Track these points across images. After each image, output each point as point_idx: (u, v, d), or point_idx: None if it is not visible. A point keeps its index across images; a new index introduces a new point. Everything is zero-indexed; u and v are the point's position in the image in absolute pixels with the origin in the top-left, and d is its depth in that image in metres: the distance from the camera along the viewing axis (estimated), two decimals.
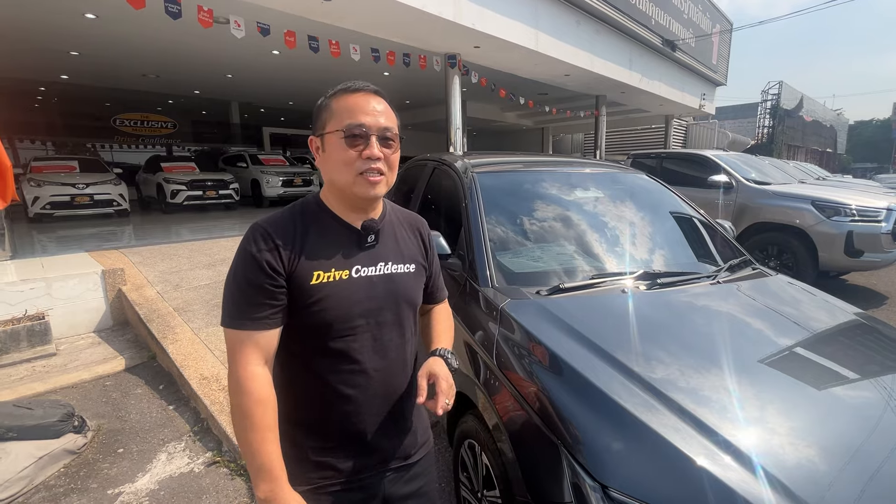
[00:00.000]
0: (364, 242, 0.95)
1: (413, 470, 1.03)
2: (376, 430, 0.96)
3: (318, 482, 0.92)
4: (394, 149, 0.93)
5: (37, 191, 7.97)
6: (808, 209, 4.80)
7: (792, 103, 27.67)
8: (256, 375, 0.84)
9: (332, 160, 0.91)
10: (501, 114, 17.89)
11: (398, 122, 0.97)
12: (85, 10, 6.55)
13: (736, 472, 1.00)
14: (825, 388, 1.33)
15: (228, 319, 0.86)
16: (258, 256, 0.85)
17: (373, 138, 0.89)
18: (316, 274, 0.88)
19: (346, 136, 0.88)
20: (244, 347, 0.84)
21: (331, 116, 0.91)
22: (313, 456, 0.92)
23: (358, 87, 0.92)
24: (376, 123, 0.90)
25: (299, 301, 0.87)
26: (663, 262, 2.06)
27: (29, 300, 3.73)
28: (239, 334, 0.85)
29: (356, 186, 0.90)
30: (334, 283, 0.90)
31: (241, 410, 0.82)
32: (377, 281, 0.95)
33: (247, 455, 0.83)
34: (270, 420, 0.83)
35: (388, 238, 1.00)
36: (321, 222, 0.93)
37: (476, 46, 7.70)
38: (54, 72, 10.39)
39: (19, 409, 2.38)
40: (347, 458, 0.94)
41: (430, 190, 2.82)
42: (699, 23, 13.46)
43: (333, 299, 0.89)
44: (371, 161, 0.89)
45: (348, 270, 0.92)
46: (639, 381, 1.23)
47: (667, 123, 17.24)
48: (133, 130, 15.78)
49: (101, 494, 2.11)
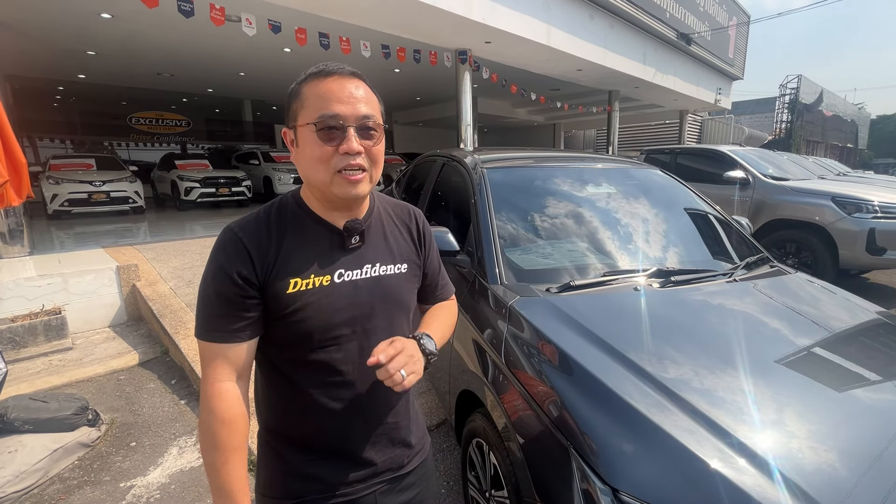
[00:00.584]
0: (348, 244, 0.87)
1: (407, 479, 0.96)
2: (367, 444, 0.89)
3: (305, 496, 0.86)
4: (376, 139, 0.82)
5: (55, 188, 8.13)
6: (829, 205, 4.67)
7: (811, 97, 27.00)
8: (223, 393, 0.78)
9: (305, 156, 0.80)
10: (512, 110, 17.77)
11: (381, 107, 0.86)
12: (101, 10, 6.65)
13: (752, 477, 0.96)
14: (846, 389, 1.28)
15: (199, 331, 0.80)
16: (227, 266, 0.78)
17: (350, 130, 0.78)
18: (293, 282, 0.80)
19: (319, 130, 0.78)
20: (213, 362, 0.79)
21: (302, 106, 0.80)
22: (300, 468, 0.87)
23: (332, 69, 0.81)
24: (354, 112, 0.79)
25: (276, 311, 0.80)
26: (677, 259, 2.02)
27: (46, 295, 3.81)
28: (210, 346, 0.79)
29: (335, 186, 0.80)
30: (314, 291, 0.82)
31: (205, 428, 0.78)
32: (362, 285, 0.87)
33: (208, 474, 0.78)
34: (236, 441, 0.78)
35: (375, 237, 0.92)
36: (299, 223, 0.85)
37: (487, 42, 7.64)
38: (72, 71, 10.58)
39: (35, 402, 2.43)
40: (336, 470, 0.88)
41: (440, 186, 2.81)
42: (715, 15, 13.18)
43: (313, 308, 0.81)
44: (349, 157, 0.78)
45: (329, 276, 0.84)
46: (651, 381, 1.20)
47: (681, 119, 16.95)
48: (148, 129, 16.03)
49: (113, 487, 2.14)
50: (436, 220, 2.68)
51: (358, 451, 0.89)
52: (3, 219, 4.63)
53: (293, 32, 6.41)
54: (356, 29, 6.78)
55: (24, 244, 4.79)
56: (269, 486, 0.89)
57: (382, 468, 0.92)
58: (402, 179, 3.84)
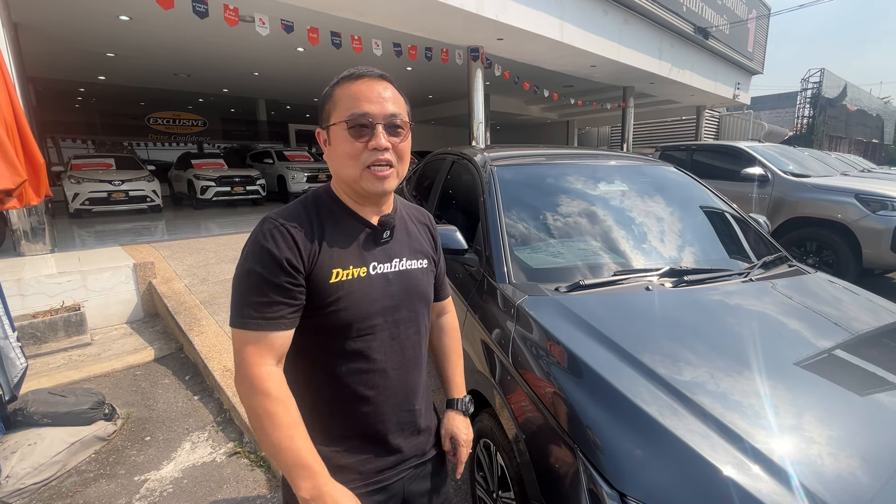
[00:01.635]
0: (380, 238, 0.92)
1: (428, 466, 1.01)
2: (395, 430, 0.93)
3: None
4: (402, 136, 0.88)
5: (76, 188, 8.34)
6: (852, 203, 4.53)
7: (835, 92, 26.23)
8: (272, 374, 0.79)
9: (337, 153, 0.86)
10: (525, 107, 17.64)
11: (408, 107, 0.91)
12: (119, 13, 6.79)
13: (768, 484, 0.93)
14: (869, 394, 1.23)
15: (239, 320, 0.80)
16: (276, 253, 0.80)
17: (378, 127, 0.84)
18: (335, 272, 0.84)
19: (350, 127, 0.83)
20: (257, 348, 0.79)
21: (334, 107, 0.86)
22: (334, 460, 0.87)
23: (361, 72, 0.87)
24: (382, 111, 0.84)
25: (317, 300, 0.83)
26: (691, 258, 1.97)
27: (66, 292, 3.90)
28: (252, 335, 0.80)
29: (364, 181, 0.85)
30: (353, 281, 0.86)
31: (260, 412, 0.77)
32: (393, 278, 0.91)
33: (277, 456, 0.77)
34: (295, 416, 0.79)
35: (400, 233, 0.97)
36: (335, 216, 0.89)
37: (499, 39, 7.59)
38: (93, 73, 10.83)
39: (54, 396, 2.48)
40: (368, 459, 0.91)
41: (450, 184, 2.79)
42: (734, 8, 12.88)
43: (353, 298, 0.85)
44: (378, 152, 0.84)
45: (365, 268, 0.88)
46: (663, 384, 1.16)
47: (698, 115, 16.62)
48: (166, 129, 16.32)
49: (128, 480, 2.18)
50: (445, 218, 2.66)
51: (388, 437, 0.92)
52: (25, 217, 4.76)
53: (305, 32, 6.46)
54: (368, 27, 6.79)
55: (45, 242, 4.92)
56: None
57: (409, 454, 0.96)
58: (412, 177, 3.83)
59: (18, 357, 2.55)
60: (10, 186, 2.13)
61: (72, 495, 2.09)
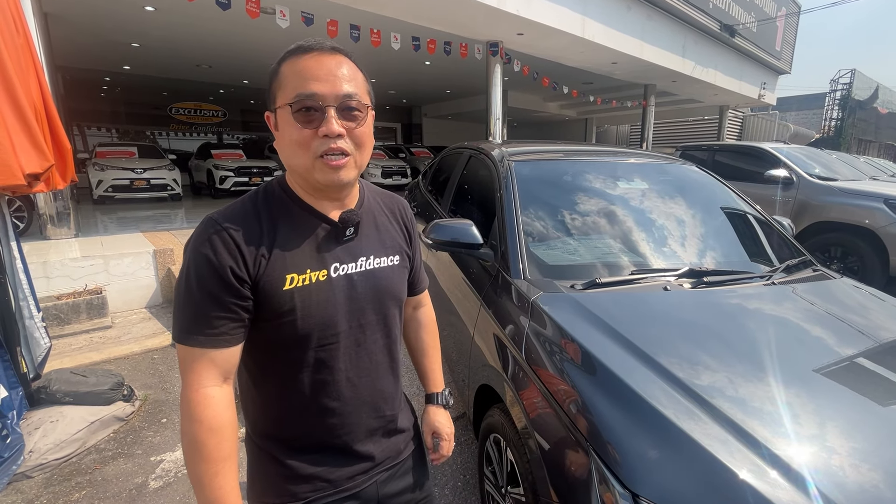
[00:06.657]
0: (343, 236, 0.81)
1: (405, 465, 0.96)
2: (365, 438, 0.87)
3: (309, 496, 0.83)
4: (360, 121, 0.75)
5: (100, 175, 8.56)
6: (881, 208, 4.38)
7: (865, 93, 25.38)
8: (210, 399, 0.71)
9: (285, 141, 0.74)
10: (543, 104, 17.46)
11: (368, 86, 0.79)
12: (145, 3, 6.90)
13: (786, 492, 0.90)
14: (895, 405, 1.19)
15: (179, 334, 0.72)
16: (215, 261, 0.70)
17: (330, 111, 0.72)
18: (289, 277, 0.74)
19: (296, 111, 0.71)
20: (198, 366, 0.71)
21: (280, 86, 0.74)
22: (300, 470, 0.82)
23: (309, 45, 0.73)
24: (334, 91, 0.72)
25: (270, 311, 0.74)
26: (711, 259, 1.93)
27: (89, 276, 4.01)
28: (192, 352, 0.71)
29: (317, 172, 0.74)
30: (311, 287, 0.76)
31: (190, 438, 0.71)
32: (358, 279, 0.82)
33: (196, 489, 0.71)
34: (226, 450, 0.72)
35: (367, 228, 0.87)
36: (289, 213, 0.78)
37: (519, 34, 7.52)
38: (118, 63, 11.06)
39: (76, 376, 2.56)
40: (337, 468, 0.84)
41: (466, 178, 2.78)
42: (762, 6, 12.52)
43: (311, 306, 0.76)
44: (330, 140, 0.72)
45: (326, 270, 0.78)
46: (679, 385, 1.14)
47: (721, 114, 16.24)
48: (187, 119, 16.60)
49: (144, 460, 2.24)
50: (461, 212, 2.66)
51: (357, 446, 0.86)
52: (52, 202, 4.90)
53: (325, 25, 6.48)
54: (387, 21, 6.78)
55: (70, 227, 5.06)
56: (266, 492, 0.84)
57: (381, 458, 0.90)
58: (428, 172, 3.83)
59: (43, 337, 2.63)
60: (38, 170, 2.19)
61: (91, 472, 2.16)
